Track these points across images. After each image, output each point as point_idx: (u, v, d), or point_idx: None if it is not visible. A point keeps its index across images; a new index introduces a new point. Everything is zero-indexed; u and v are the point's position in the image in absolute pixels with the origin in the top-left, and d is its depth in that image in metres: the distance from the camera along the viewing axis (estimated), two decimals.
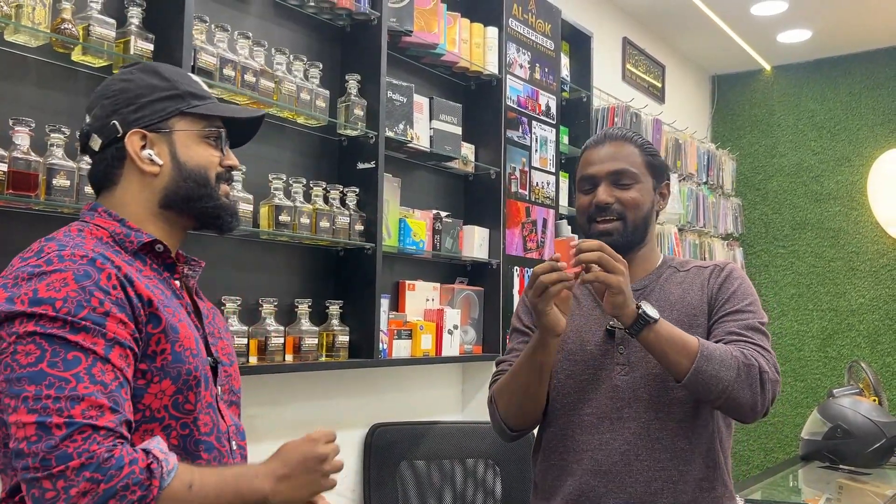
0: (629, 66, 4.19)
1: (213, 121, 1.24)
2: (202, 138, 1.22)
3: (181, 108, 1.21)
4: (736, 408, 1.41)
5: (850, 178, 4.64)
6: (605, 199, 1.51)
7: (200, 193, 1.21)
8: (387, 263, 2.43)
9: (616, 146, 1.54)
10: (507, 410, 1.54)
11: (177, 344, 1.11)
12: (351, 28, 2.37)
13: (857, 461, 2.84)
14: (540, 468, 1.58)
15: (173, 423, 1.11)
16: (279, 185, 2.08)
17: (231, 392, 1.27)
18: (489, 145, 2.81)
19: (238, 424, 1.26)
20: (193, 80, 1.26)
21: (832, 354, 4.62)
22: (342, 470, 1.25)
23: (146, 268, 1.17)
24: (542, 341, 1.43)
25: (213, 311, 1.31)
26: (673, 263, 1.59)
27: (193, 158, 1.21)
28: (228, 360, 1.27)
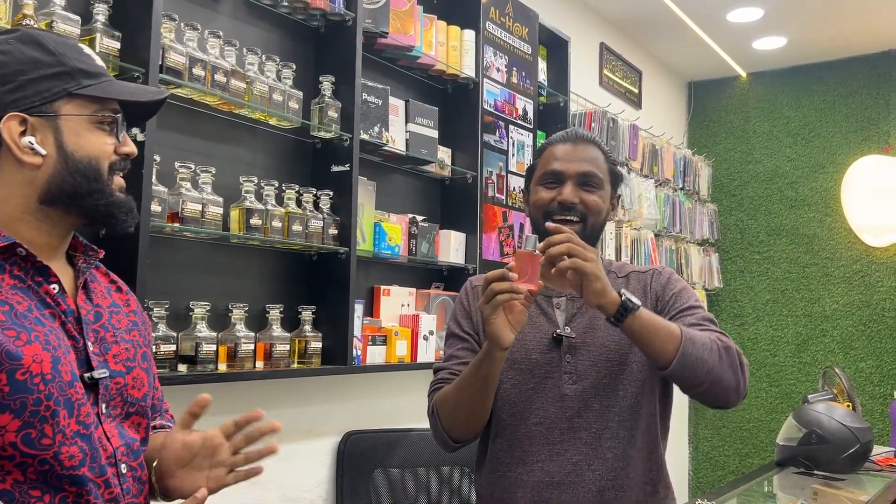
0: (606, 71, 4.19)
1: (108, 103, 1.07)
2: (94, 124, 1.05)
3: (69, 89, 1.03)
4: (721, 391, 1.39)
5: (825, 184, 4.67)
6: (571, 199, 1.48)
7: (90, 189, 1.04)
8: (361, 268, 2.39)
9: (585, 148, 1.52)
10: (451, 423, 1.48)
11: (18, 371, 0.94)
12: (325, 29, 2.34)
13: (831, 467, 2.85)
14: (486, 480, 1.54)
15: (28, 461, 0.95)
16: (250, 188, 2.04)
17: (126, 404, 1.09)
18: (466, 149, 2.79)
19: (132, 442, 1.09)
20: (84, 53, 1.07)
21: (807, 360, 4.65)
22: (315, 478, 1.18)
23: (4, 275, 1.00)
24: (489, 353, 1.36)
25: (112, 310, 1.13)
26: (612, 268, 1.58)
27: (83, 148, 1.04)
28: (125, 366, 1.09)
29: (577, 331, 1.49)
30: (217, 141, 2.10)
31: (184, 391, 2.00)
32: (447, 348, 1.59)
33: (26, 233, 1.04)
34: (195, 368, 1.86)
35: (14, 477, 0.95)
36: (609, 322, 1.36)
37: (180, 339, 1.87)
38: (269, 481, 2.23)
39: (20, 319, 0.98)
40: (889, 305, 4.44)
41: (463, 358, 1.53)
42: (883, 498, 2.56)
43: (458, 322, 1.59)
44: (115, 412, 1.08)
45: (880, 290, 4.47)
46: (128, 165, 1.11)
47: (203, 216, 1.89)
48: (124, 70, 1.72)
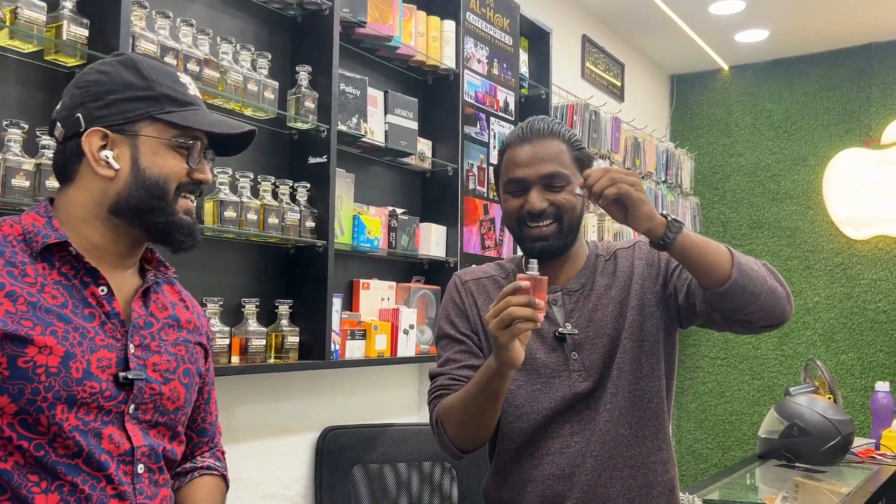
0: (588, 63, 4.17)
1: (189, 130, 1.14)
2: (172, 147, 1.13)
3: (152, 113, 1.12)
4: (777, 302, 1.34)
5: (807, 177, 4.68)
6: (538, 207, 1.42)
7: (153, 205, 1.12)
8: (340, 262, 2.36)
9: (543, 144, 1.44)
10: (458, 435, 1.41)
11: (20, 359, 1.01)
12: (302, 18, 2.30)
13: (812, 459, 2.85)
14: (494, 479, 1.51)
15: (25, 444, 1.02)
16: (224, 180, 2.00)
17: (157, 412, 1.15)
18: (446, 141, 2.76)
19: (155, 446, 1.14)
20: (179, 83, 1.16)
21: (789, 353, 4.67)
22: (293, 475, 1.18)
23: (52, 271, 1.08)
24: (500, 373, 1.28)
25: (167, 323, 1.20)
26: (599, 251, 1.54)
27: (156, 166, 1.12)
28: (162, 377, 1.15)
29: (578, 327, 1.45)
30: None
31: None
32: (442, 350, 1.51)
33: (92, 236, 1.13)
34: None
35: (15, 459, 1.02)
36: (656, 246, 1.31)
37: None
38: (247, 478, 2.20)
39: (42, 313, 1.04)
40: (870, 298, 4.46)
41: (462, 361, 1.47)
42: (863, 490, 2.56)
43: (453, 322, 1.51)
44: (145, 416, 1.12)
45: (861, 283, 4.49)
46: (199, 191, 1.19)
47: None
48: (92, 58, 1.68)
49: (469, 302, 1.52)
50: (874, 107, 4.51)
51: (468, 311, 1.51)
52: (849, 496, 2.48)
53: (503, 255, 2.96)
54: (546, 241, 1.43)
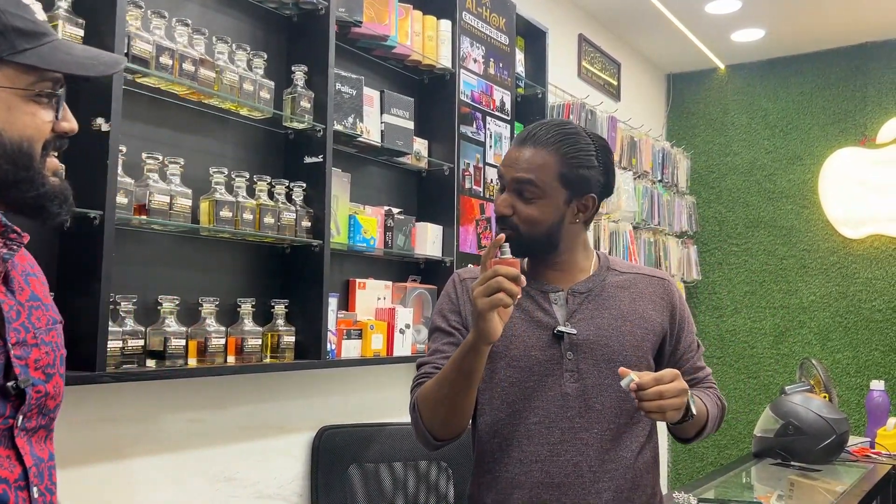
0: (585, 63, 4.18)
1: (48, 72, 0.89)
2: (30, 98, 0.88)
3: (2, 54, 0.85)
4: (696, 439, 1.54)
5: (802, 176, 4.69)
6: (502, 211, 1.43)
7: (17, 178, 0.87)
8: (336, 261, 2.36)
9: (534, 152, 1.41)
10: (432, 420, 1.40)
11: None
12: (298, 17, 2.29)
13: (808, 458, 2.86)
14: (481, 481, 1.49)
15: None
16: (220, 180, 1.99)
17: (41, 416, 0.95)
18: (442, 141, 2.76)
19: (41, 461, 0.94)
20: (22, 5, 0.89)
21: (784, 351, 4.68)
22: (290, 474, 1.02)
23: None
24: (475, 347, 1.29)
25: (32, 305, 0.96)
26: (610, 265, 1.54)
27: (14, 126, 0.86)
28: (45, 373, 0.94)
29: (578, 327, 1.44)
30: (186, 131, 2.05)
31: (152, 387, 1.96)
32: (431, 342, 1.52)
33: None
34: (164, 364, 1.82)
35: None
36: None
37: (149, 334, 1.82)
38: (243, 478, 2.20)
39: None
40: (866, 297, 4.47)
41: (447, 352, 1.46)
42: (858, 488, 2.57)
43: (445, 316, 1.52)
44: (30, 425, 0.93)
45: (857, 282, 4.50)
46: (65, 144, 0.94)
47: (171, 208, 1.85)
48: None
49: (463, 298, 1.52)
50: (869, 106, 4.52)
51: (461, 307, 1.51)
52: (844, 495, 2.49)
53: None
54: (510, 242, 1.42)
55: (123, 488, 1.91)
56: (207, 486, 2.11)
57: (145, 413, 1.96)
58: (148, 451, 1.96)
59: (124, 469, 1.91)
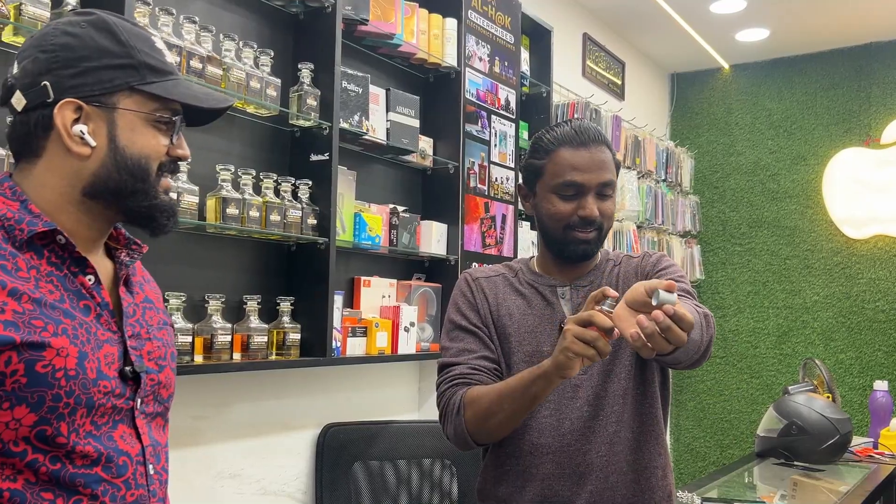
0: (589, 62, 4.18)
1: (170, 103, 1.04)
2: (151, 122, 1.03)
3: (132, 83, 1.00)
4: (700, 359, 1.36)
5: (806, 176, 4.69)
6: (595, 215, 1.45)
7: (135, 189, 1.02)
8: (341, 259, 2.36)
9: (598, 151, 1.48)
10: (480, 428, 1.41)
11: (39, 363, 0.91)
12: (304, 15, 2.30)
13: (811, 458, 2.86)
14: (492, 475, 1.51)
15: (40, 458, 0.93)
16: (227, 177, 2.00)
17: (157, 403, 1.08)
18: (447, 139, 2.76)
19: (157, 444, 1.07)
20: (155, 48, 1.04)
21: (787, 351, 4.68)
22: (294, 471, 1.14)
23: (41, 262, 0.98)
24: (549, 377, 1.28)
25: (145, 306, 1.11)
26: (610, 257, 1.59)
27: (136, 144, 1.01)
28: (157, 364, 1.07)
29: None
30: (193, 128, 2.05)
31: None
32: (454, 342, 1.51)
33: (66, 222, 1.01)
34: None
35: (25, 477, 0.92)
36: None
37: None
38: (248, 475, 2.20)
39: (49, 310, 0.95)
40: (869, 297, 4.47)
41: (477, 351, 1.48)
42: (861, 489, 2.57)
43: (465, 314, 1.52)
44: (148, 410, 1.05)
45: (860, 283, 4.50)
46: (178, 168, 1.10)
47: (178, 205, 1.85)
48: None
49: (480, 297, 1.54)
50: (874, 106, 4.51)
51: (479, 305, 1.53)
52: (847, 495, 2.49)
53: (504, 253, 2.96)
54: (588, 245, 1.48)
55: None
56: (212, 483, 2.12)
57: None
58: None
59: None
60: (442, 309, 2.71)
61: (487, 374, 1.46)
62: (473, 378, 1.45)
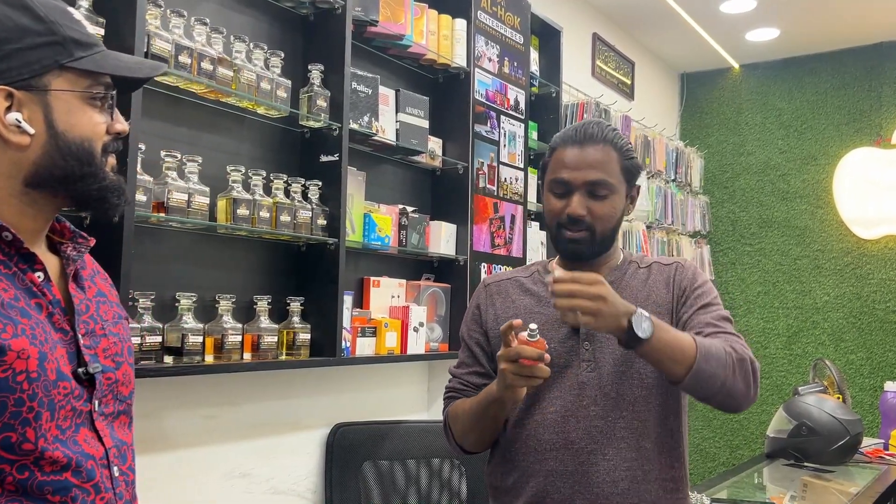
0: (599, 62, 4.17)
1: (100, 77, 0.98)
2: (87, 100, 0.97)
3: (61, 61, 0.94)
4: (731, 402, 1.40)
5: (817, 176, 4.67)
6: (579, 213, 1.44)
7: (83, 173, 0.97)
8: (351, 259, 2.37)
9: (595, 150, 1.45)
10: (463, 440, 1.55)
11: (0, 368, 0.87)
12: (314, 17, 2.30)
13: (821, 459, 2.86)
14: (499, 470, 1.54)
15: (7, 468, 0.88)
16: (238, 178, 2.01)
17: (116, 401, 1.03)
18: (457, 140, 2.76)
19: (121, 444, 1.03)
20: (76, 20, 0.99)
21: (797, 352, 4.66)
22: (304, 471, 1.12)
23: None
24: (501, 401, 1.40)
25: (99, 301, 1.06)
26: (633, 259, 1.57)
27: (75, 127, 0.96)
28: (113, 362, 1.03)
29: None
30: (204, 130, 2.07)
31: (170, 383, 1.98)
32: (460, 353, 1.63)
33: (9, 217, 0.95)
34: (181, 360, 1.83)
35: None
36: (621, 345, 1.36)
37: (166, 331, 1.84)
38: (258, 474, 2.21)
39: (6, 310, 0.90)
40: (879, 298, 4.45)
41: (471, 366, 1.58)
42: (872, 490, 2.56)
43: (468, 326, 1.61)
44: (108, 410, 1.01)
45: (871, 283, 4.48)
46: (120, 146, 1.05)
47: (189, 206, 1.86)
48: None
49: (485, 304, 1.60)
50: (885, 106, 4.49)
51: (482, 315, 1.59)
52: (857, 496, 2.49)
53: (512, 254, 2.96)
54: (578, 245, 1.47)
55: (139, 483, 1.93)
56: (222, 482, 2.13)
57: (161, 409, 1.98)
58: (164, 447, 1.98)
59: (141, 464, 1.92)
60: (451, 309, 2.72)
61: (475, 390, 1.54)
62: (462, 393, 1.57)
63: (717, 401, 1.40)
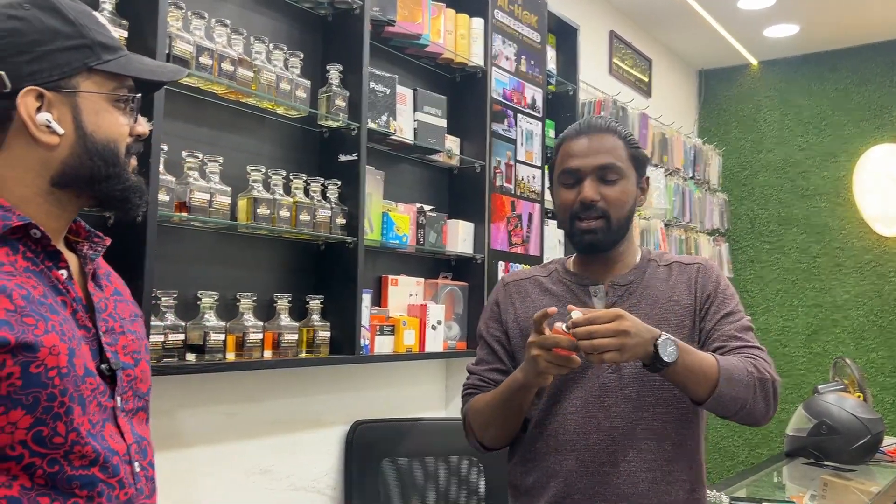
0: (616, 59, 4.16)
1: (125, 79, 1.02)
2: (112, 102, 1.00)
3: (90, 64, 0.98)
4: (751, 419, 1.42)
5: (837, 173, 4.63)
6: (592, 197, 1.45)
7: (108, 174, 1.00)
8: (369, 258, 2.39)
9: (600, 138, 1.48)
10: (483, 434, 1.53)
11: (33, 364, 0.89)
12: (333, 17, 2.32)
13: (841, 458, 2.84)
14: (519, 471, 1.54)
15: (38, 461, 0.90)
16: (258, 178, 2.03)
17: (136, 398, 1.06)
18: (474, 138, 2.77)
19: (141, 439, 1.05)
20: (101, 24, 1.02)
21: (817, 350, 4.63)
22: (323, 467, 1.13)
23: (17, 256, 0.95)
24: (527, 386, 1.39)
25: (116, 299, 1.08)
26: (652, 257, 1.56)
27: (102, 128, 0.99)
28: (132, 359, 1.06)
29: None
30: (224, 130, 2.09)
31: (192, 380, 2.01)
32: (478, 350, 1.62)
33: (35, 215, 0.98)
34: (203, 358, 1.86)
35: (21, 482, 0.90)
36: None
37: (188, 329, 1.87)
38: (278, 471, 2.24)
39: (37, 306, 0.92)
40: None
41: (491, 363, 1.57)
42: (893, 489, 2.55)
43: (487, 324, 1.60)
44: (128, 406, 1.04)
45: (892, 281, 4.44)
46: (141, 148, 1.08)
47: (211, 205, 1.89)
48: None
49: (505, 303, 1.59)
50: None
51: (502, 313, 1.58)
52: (878, 495, 2.47)
53: (530, 252, 2.97)
54: (594, 234, 1.47)
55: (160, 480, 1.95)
56: (244, 479, 2.15)
57: (183, 406, 2.00)
58: (185, 443, 2.01)
59: (162, 461, 1.95)
60: (469, 307, 2.73)
61: (494, 386, 1.53)
62: (482, 390, 1.55)
63: (737, 419, 1.42)
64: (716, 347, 1.45)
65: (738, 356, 1.42)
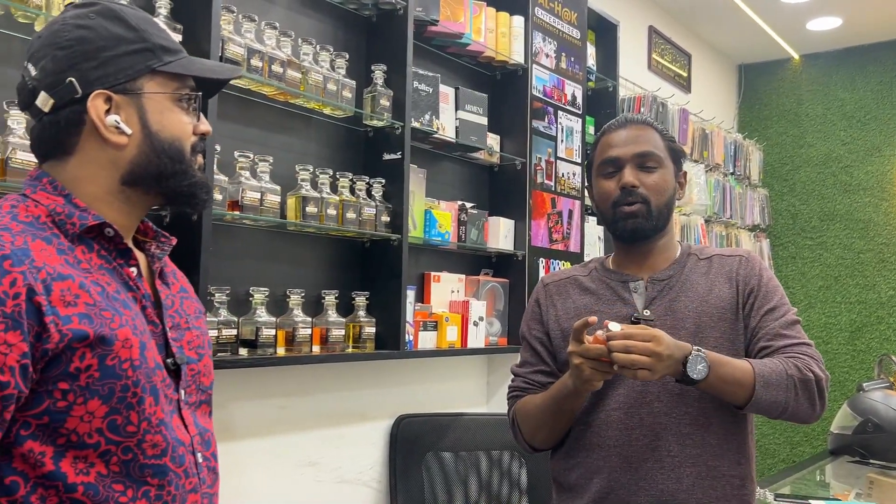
0: (655, 55, 4.14)
1: (186, 80, 1.07)
2: (175, 102, 1.05)
3: (153, 66, 1.02)
4: (797, 419, 1.43)
5: (881, 168, 4.56)
6: (632, 181, 1.48)
7: (175, 170, 1.04)
8: (412, 255, 2.42)
9: (638, 129, 1.53)
10: (532, 437, 1.56)
11: (108, 357, 0.94)
12: (377, 18, 2.36)
13: (888, 456, 2.80)
14: (563, 466, 1.55)
15: (112, 448, 0.95)
16: (306, 177, 2.07)
17: (199, 391, 1.10)
18: (515, 136, 2.79)
19: (205, 431, 1.09)
20: (161, 28, 1.07)
21: (861, 347, 4.56)
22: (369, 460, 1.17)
23: (92, 254, 1.00)
24: (578, 392, 1.41)
25: (182, 296, 1.13)
26: (692, 251, 1.57)
27: (167, 127, 1.04)
28: (196, 353, 1.10)
29: (656, 314, 1.48)
30: (274, 130, 2.14)
31: (245, 374, 2.06)
32: (522, 352, 1.65)
33: (107, 214, 1.02)
34: (255, 352, 1.91)
35: (97, 469, 0.94)
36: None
37: (241, 324, 1.92)
38: (325, 463, 2.29)
39: (112, 301, 0.97)
40: None
41: (534, 365, 1.59)
42: None
43: (529, 325, 1.63)
44: (191, 399, 1.08)
45: None
46: (205, 146, 1.12)
47: (261, 204, 1.94)
48: None
49: (546, 304, 1.61)
50: None
51: (543, 314, 1.60)
52: None
53: (570, 249, 2.98)
54: (636, 219, 1.49)
55: None
56: (292, 471, 2.20)
57: (236, 399, 2.06)
58: (237, 435, 2.06)
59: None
60: (510, 304, 2.75)
61: (541, 388, 1.55)
62: (527, 392, 1.57)
63: (782, 419, 1.44)
64: (761, 347, 1.46)
65: (781, 356, 1.42)
